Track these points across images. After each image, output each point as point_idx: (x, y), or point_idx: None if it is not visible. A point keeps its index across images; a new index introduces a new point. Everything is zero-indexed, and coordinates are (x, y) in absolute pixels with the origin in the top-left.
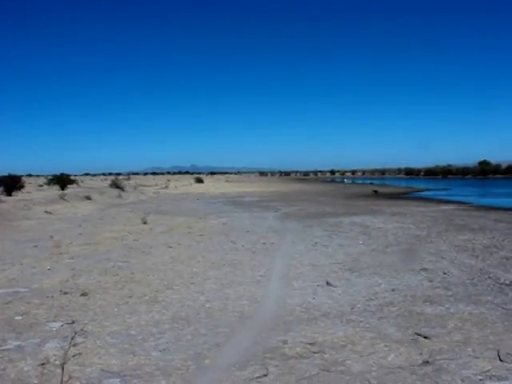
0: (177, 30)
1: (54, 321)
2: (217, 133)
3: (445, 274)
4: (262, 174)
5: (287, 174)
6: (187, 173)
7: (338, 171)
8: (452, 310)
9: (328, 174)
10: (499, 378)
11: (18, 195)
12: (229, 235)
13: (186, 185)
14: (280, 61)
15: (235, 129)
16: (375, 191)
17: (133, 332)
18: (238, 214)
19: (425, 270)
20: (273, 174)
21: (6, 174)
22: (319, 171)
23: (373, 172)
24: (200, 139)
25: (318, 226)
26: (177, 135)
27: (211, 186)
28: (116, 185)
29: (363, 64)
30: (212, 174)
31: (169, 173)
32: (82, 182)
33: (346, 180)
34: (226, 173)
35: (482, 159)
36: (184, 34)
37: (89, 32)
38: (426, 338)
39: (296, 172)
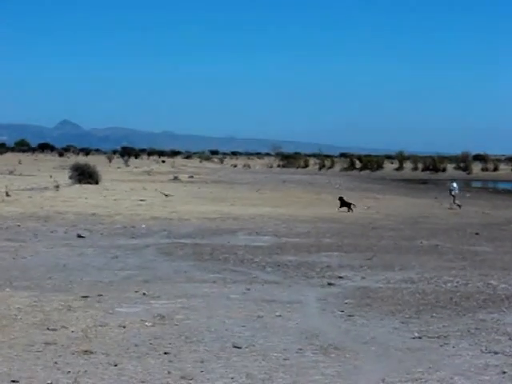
0: None
1: None
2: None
3: None
4: (290, 159)
5: (367, 161)
6: (44, 148)
7: None
8: None
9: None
10: None
11: None
12: (173, 356)
13: (35, 187)
14: None
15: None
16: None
17: None
18: (209, 289)
19: None
20: (323, 158)
21: None
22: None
23: None
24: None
25: (469, 338)
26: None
27: (126, 190)
28: None
29: None
30: (126, 154)
31: None
32: None
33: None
34: (175, 153)
35: None
36: None
37: None
38: None
39: (401, 156)
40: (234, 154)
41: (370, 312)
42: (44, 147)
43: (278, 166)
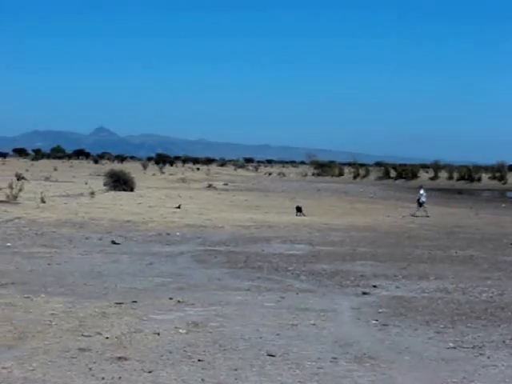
0: None
1: None
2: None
3: None
4: (324, 167)
5: (402, 170)
6: (79, 155)
7: None
8: None
9: None
10: None
11: None
12: (207, 363)
13: (70, 194)
14: None
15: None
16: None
17: None
18: (243, 297)
19: None
20: (357, 167)
21: None
22: None
23: None
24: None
25: (504, 348)
26: None
27: (160, 197)
28: None
29: None
30: (161, 161)
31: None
32: None
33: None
34: (209, 161)
35: None
36: None
37: None
38: None
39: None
40: (269, 161)
41: (405, 321)
42: (79, 154)
43: (313, 174)
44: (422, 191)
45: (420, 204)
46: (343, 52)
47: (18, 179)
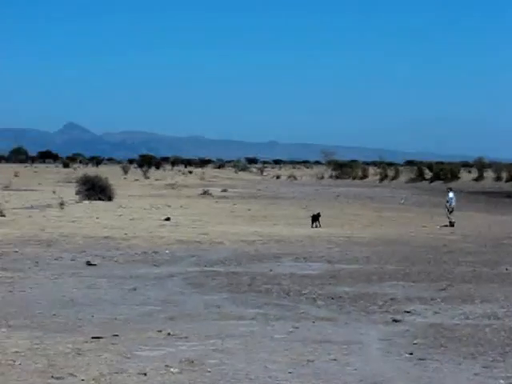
0: None
1: None
2: None
3: None
4: (344, 168)
5: (439, 170)
6: (45, 157)
7: None
8: None
9: None
10: None
11: None
12: None
13: (35, 205)
14: None
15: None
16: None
17: None
18: (247, 328)
19: None
20: (385, 167)
21: None
22: None
23: None
24: None
25: None
26: None
27: (145, 208)
28: None
29: None
30: (145, 164)
31: None
32: None
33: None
34: (204, 162)
35: None
36: None
37: None
38: None
39: None
40: (277, 162)
41: (445, 354)
42: (45, 156)
43: (330, 176)
44: (451, 194)
45: (448, 210)
46: (358, 34)
47: None
